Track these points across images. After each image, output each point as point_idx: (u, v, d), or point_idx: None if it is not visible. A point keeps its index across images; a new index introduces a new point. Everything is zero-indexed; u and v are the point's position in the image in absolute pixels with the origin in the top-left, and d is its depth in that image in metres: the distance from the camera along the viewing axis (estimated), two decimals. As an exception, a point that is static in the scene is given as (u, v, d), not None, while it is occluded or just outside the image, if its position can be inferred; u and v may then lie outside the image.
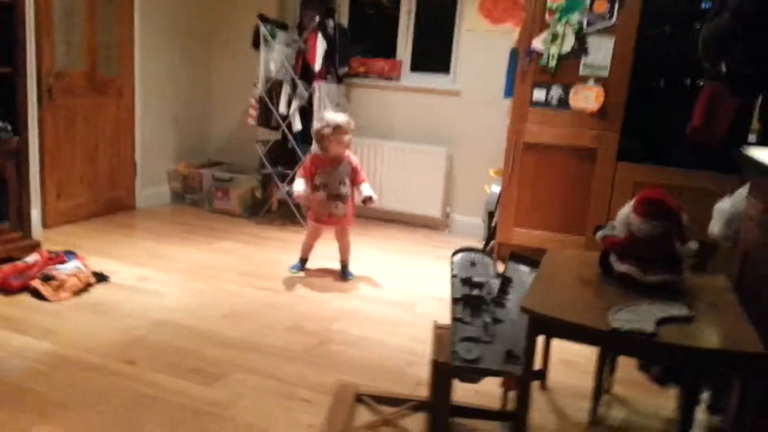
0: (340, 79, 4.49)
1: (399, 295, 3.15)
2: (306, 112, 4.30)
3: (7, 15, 3.00)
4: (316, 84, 4.25)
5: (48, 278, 2.74)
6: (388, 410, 1.97)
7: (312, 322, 2.73)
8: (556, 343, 2.07)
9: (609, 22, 3.33)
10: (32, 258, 2.93)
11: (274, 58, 4.31)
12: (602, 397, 2.09)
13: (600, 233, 1.81)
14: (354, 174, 3.27)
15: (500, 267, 2.07)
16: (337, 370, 2.30)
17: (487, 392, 2.04)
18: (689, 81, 3.28)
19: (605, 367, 2.05)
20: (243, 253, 3.69)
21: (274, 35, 4.29)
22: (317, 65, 4.22)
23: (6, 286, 2.73)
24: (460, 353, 1.58)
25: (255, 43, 4.34)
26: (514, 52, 3.75)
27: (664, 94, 3.38)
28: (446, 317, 1.81)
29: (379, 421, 1.92)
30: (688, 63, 3.12)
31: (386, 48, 4.69)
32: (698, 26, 2.91)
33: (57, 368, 2.16)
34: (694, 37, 2.58)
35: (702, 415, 1.90)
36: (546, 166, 3.56)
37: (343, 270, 3.37)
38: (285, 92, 4.30)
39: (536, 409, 2.03)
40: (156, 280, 3.10)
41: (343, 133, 3.18)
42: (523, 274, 2.00)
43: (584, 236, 3.43)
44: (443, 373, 1.65)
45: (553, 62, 3.43)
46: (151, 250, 3.56)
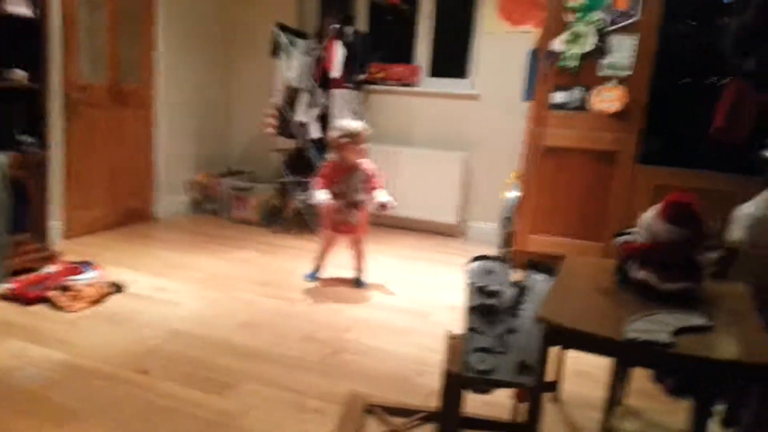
0: (358, 86, 4.48)
1: (413, 304, 3.12)
2: (324, 120, 4.31)
3: (33, 30, 3.05)
4: (335, 91, 4.25)
5: (65, 288, 2.77)
6: (398, 421, 1.94)
7: (326, 332, 2.71)
8: (571, 353, 2.01)
9: (633, 18, 3.26)
10: (50, 268, 2.97)
11: (293, 67, 4.32)
12: (615, 409, 2.03)
13: (619, 239, 1.75)
14: (369, 180, 3.25)
15: (516, 274, 2.03)
16: (350, 379, 2.28)
17: (497, 403, 1.99)
18: (713, 79, 3.19)
19: (619, 377, 2.00)
20: (259, 261, 3.69)
21: (293, 44, 4.31)
22: (336, 72, 4.22)
23: (23, 297, 2.76)
24: (473, 364, 1.55)
25: (274, 52, 4.37)
26: (534, 53, 3.70)
27: (686, 94, 3.30)
28: (460, 326, 1.77)
29: (389, 433, 1.89)
30: (711, 61, 3.03)
31: (405, 53, 4.68)
32: (721, 22, 2.83)
33: (72, 378, 2.17)
34: (717, 33, 2.50)
35: (716, 428, 1.83)
36: (564, 171, 3.50)
37: (358, 279, 3.35)
38: (303, 100, 4.31)
39: (548, 421, 1.99)
40: (173, 289, 3.12)
41: (359, 141, 3.17)
42: (540, 283, 1.95)
43: (603, 243, 3.36)
44: (455, 383, 1.61)
45: (574, 62, 3.37)
46: (168, 260, 3.59)
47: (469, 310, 1.78)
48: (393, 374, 2.35)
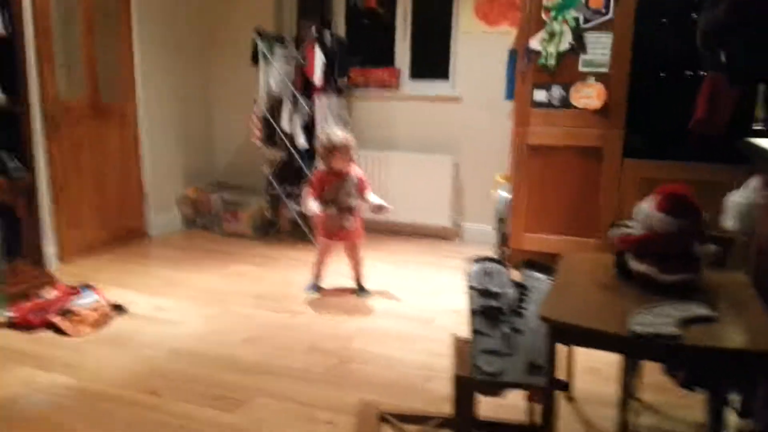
0: (340, 92, 4.46)
1: (416, 310, 3.14)
2: (309, 128, 4.31)
3: (7, 49, 2.97)
4: (317, 97, 4.25)
5: (67, 313, 2.76)
6: (413, 429, 1.95)
7: (330, 342, 2.72)
8: (580, 350, 2.04)
9: (605, 17, 3.33)
10: (50, 293, 2.95)
11: (273, 75, 4.31)
12: (629, 404, 2.03)
13: (614, 232, 1.76)
14: (360, 186, 3.27)
15: (515, 275, 2.06)
16: (358, 389, 2.29)
17: (512, 405, 2.02)
18: (690, 73, 3.26)
19: (629, 372, 2.01)
20: (255, 275, 3.70)
21: (272, 51, 4.31)
22: (317, 78, 4.21)
23: (26, 323, 2.75)
24: (482, 367, 1.57)
25: (254, 59, 4.34)
26: (513, 53, 3.75)
27: (665, 88, 3.37)
28: (464, 330, 1.80)
29: (405, 440, 1.91)
30: (687, 55, 3.09)
31: (385, 57, 4.68)
32: (695, 16, 2.89)
33: (81, 402, 2.17)
34: (692, 29, 2.56)
35: (733, 418, 1.86)
36: (552, 168, 3.54)
37: (359, 286, 3.37)
38: (286, 109, 4.30)
39: (563, 419, 2.00)
40: (172, 308, 3.11)
41: (345, 148, 3.19)
42: (539, 282, 1.99)
43: (597, 238, 3.41)
44: (465, 388, 1.63)
45: (552, 61, 3.42)
46: (165, 278, 3.58)
47: (473, 312, 1.81)
48: (401, 381, 2.37)
